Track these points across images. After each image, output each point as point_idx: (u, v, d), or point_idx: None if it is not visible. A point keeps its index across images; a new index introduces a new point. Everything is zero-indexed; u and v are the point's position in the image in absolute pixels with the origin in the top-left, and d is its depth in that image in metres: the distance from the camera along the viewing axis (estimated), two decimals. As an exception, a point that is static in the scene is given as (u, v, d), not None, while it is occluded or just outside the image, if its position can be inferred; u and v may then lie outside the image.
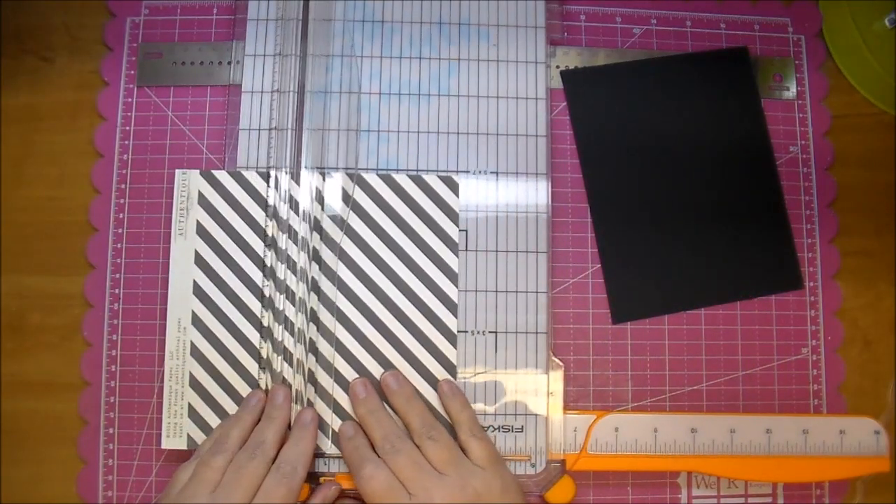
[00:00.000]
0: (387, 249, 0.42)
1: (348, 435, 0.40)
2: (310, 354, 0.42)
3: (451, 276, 0.42)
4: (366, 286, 0.42)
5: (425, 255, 0.42)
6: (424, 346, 0.42)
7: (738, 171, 0.46)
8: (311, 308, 0.42)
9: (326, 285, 0.42)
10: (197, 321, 0.41)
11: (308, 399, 0.41)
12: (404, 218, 0.43)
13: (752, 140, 0.47)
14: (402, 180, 0.43)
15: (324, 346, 0.42)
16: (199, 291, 0.42)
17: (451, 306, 0.42)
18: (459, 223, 0.43)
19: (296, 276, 0.42)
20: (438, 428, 0.39)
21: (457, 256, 0.43)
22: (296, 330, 0.42)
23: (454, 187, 0.43)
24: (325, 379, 0.41)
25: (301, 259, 0.42)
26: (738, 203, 0.46)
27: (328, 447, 0.41)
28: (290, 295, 0.42)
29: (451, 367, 0.42)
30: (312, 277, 0.42)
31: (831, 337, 0.46)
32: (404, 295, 0.42)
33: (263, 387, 0.41)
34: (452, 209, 0.43)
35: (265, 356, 0.41)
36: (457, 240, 0.43)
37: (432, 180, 0.43)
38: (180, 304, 0.42)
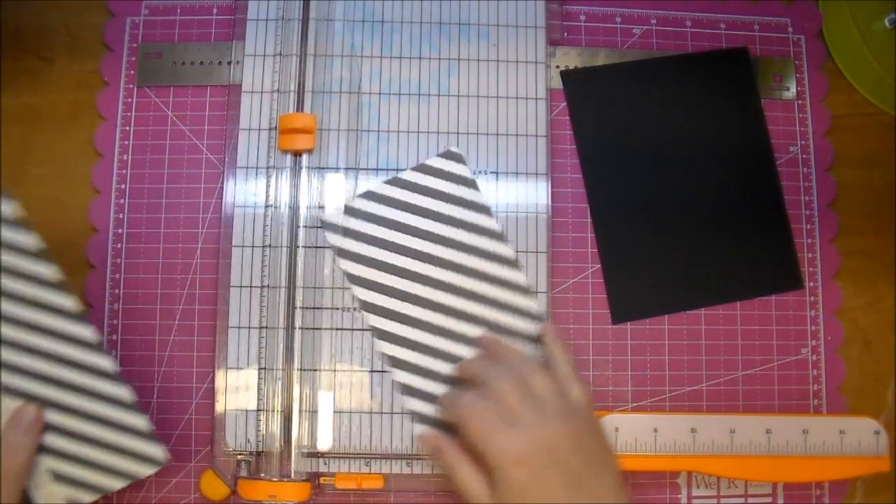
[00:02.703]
0: (430, 244, 0.42)
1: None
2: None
3: (496, 236, 0.43)
4: (432, 286, 0.42)
5: (464, 230, 0.43)
6: (506, 310, 0.42)
7: (738, 171, 0.46)
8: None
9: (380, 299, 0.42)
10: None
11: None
12: (429, 207, 0.43)
13: (752, 140, 0.47)
14: (409, 175, 0.43)
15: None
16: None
17: (510, 262, 0.42)
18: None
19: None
20: (542, 369, 0.38)
21: (491, 216, 0.43)
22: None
23: (459, 158, 0.43)
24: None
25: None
26: (738, 203, 0.46)
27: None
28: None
29: (538, 317, 0.42)
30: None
31: (831, 337, 0.46)
32: (467, 275, 0.42)
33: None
34: (465, 178, 0.43)
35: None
36: (483, 202, 0.43)
37: (436, 162, 0.43)
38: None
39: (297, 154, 0.43)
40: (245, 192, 0.43)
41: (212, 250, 0.44)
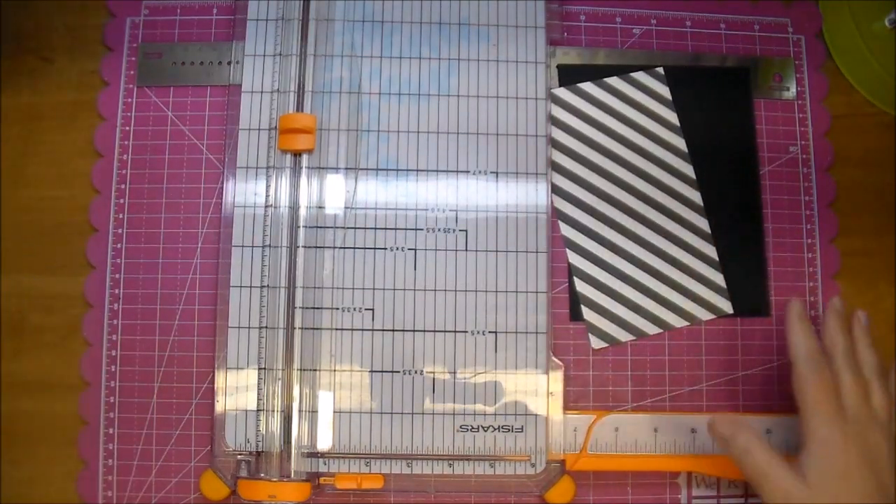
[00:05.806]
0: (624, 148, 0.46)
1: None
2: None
3: (682, 154, 0.46)
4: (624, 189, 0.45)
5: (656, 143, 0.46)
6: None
7: (725, 180, 0.46)
8: None
9: None
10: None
11: None
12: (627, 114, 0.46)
13: (741, 147, 0.47)
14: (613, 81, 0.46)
15: None
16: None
17: (692, 182, 0.46)
18: (461, 221, 0.44)
19: None
20: (883, 378, 0.40)
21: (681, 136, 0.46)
22: None
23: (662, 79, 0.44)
24: None
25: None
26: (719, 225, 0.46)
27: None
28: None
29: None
30: None
31: (831, 337, 0.46)
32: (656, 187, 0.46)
33: None
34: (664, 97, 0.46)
35: None
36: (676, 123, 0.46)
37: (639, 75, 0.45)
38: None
39: (297, 154, 0.43)
40: (245, 192, 0.43)
41: (212, 250, 0.44)
